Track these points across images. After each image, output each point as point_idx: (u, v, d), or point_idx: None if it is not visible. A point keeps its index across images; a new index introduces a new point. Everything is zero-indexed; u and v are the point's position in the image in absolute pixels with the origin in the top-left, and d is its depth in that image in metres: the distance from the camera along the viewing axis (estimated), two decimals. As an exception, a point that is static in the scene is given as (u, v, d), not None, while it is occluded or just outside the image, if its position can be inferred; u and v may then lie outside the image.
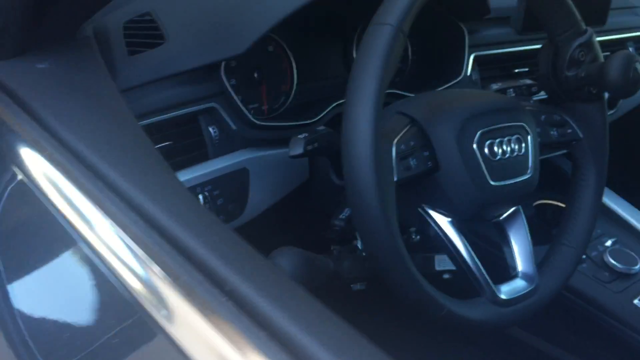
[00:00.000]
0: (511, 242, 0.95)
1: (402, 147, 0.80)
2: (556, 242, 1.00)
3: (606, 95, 0.99)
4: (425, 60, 1.27)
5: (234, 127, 0.93)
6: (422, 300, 0.79)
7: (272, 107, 1.09)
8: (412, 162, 0.81)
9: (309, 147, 0.83)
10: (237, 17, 0.92)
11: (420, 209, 0.89)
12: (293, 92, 1.10)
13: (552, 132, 0.98)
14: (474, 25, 1.25)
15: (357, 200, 0.73)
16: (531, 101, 1.03)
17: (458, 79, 1.20)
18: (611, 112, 1.46)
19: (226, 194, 0.92)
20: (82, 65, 0.77)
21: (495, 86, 1.11)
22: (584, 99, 0.98)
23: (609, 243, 1.41)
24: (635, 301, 1.25)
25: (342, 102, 1.07)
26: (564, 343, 1.33)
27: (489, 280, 0.87)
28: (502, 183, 0.86)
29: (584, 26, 0.94)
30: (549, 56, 0.98)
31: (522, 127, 0.90)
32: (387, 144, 0.78)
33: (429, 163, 0.83)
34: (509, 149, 0.87)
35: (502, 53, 1.28)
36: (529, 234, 0.95)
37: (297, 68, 1.10)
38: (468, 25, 1.23)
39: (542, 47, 0.99)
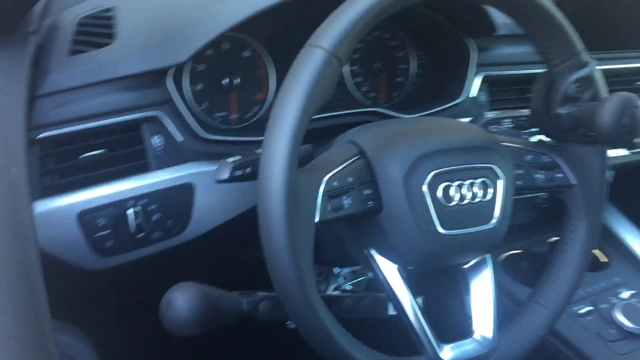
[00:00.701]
0: (470, 297, 0.84)
1: (335, 183, 0.71)
2: (530, 300, 0.88)
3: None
4: (429, 76, 1.16)
5: (180, 138, 0.87)
6: (340, 358, 0.71)
7: (243, 117, 1.02)
8: (346, 201, 0.72)
9: (237, 173, 0.76)
10: (190, 21, 0.85)
11: (366, 251, 0.80)
12: (267, 102, 1.03)
13: (536, 176, 0.86)
14: (486, 42, 1.12)
15: (265, 240, 0.65)
16: (523, 136, 0.90)
17: (457, 101, 1.09)
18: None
19: (165, 210, 0.86)
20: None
21: (489, 115, 0.99)
22: (579, 140, 0.85)
23: (625, 295, 1.26)
24: (639, 369, 1.10)
25: (317, 117, 0.98)
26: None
27: (432, 338, 0.78)
28: (456, 232, 0.76)
29: (585, 58, 0.82)
30: (544, 89, 0.85)
31: (491, 169, 0.78)
32: (312, 179, 0.70)
33: (370, 203, 0.74)
34: (469, 194, 0.76)
35: (517, 75, 1.15)
36: (493, 288, 0.84)
37: (276, 77, 1.02)
38: (479, 42, 1.11)
39: (538, 77, 0.87)
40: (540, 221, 1.38)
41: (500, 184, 0.79)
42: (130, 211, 0.82)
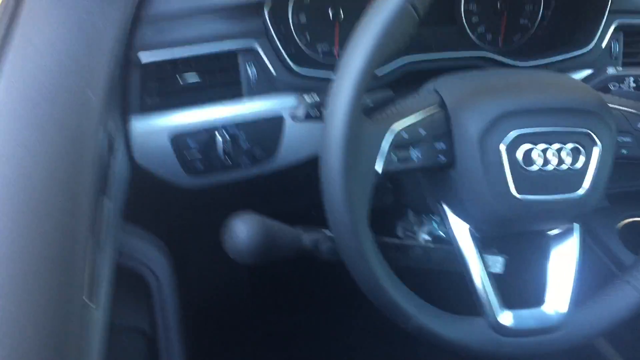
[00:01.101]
0: (548, 265, 0.80)
1: (404, 134, 0.69)
2: (620, 279, 0.81)
3: None
4: (557, 20, 1.05)
5: (274, 71, 0.88)
6: (389, 308, 0.72)
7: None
8: (414, 153, 0.70)
9: (312, 113, 0.76)
10: None
11: (439, 205, 0.78)
12: None
13: None
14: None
15: (323, 185, 0.66)
16: None
17: (584, 50, 0.98)
18: None
19: (253, 138, 0.89)
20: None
21: (611, 70, 0.89)
22: None
23: None
24: None
25: (417, 59, 0.95)
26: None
27: (494, 301, 0.75)
28: (533, 198, 0.71)
29: None
30: None
31: (586, 134, 0.72)
32: (379, 129, 0.68)
33: (442, 157, 0.72)
34: (555, 159, 0.71)
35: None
36: (577, 260, 0.79)
37: None
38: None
39: None
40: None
41: (596, 151, 0.72)
42: (218, 137, 0.86)
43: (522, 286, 0.84)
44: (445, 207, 0.78)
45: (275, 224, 0.73)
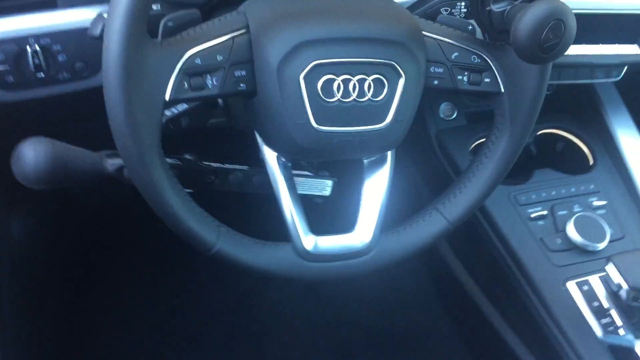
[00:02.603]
0: (362, 192, 0.81)
1: (198, 61, 0.66)
2: (430, 206, 0.84)
3: None
4: None
5: (88, -24, 0.81)
6: (188, 236, 0.71)
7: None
8: (210, 81, 0.67)
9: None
10: None
11: (255, 134, 0.77)
12: None
13: (459, 77, 0.77)
14: None
15: (108, 113, 0.63)
16: (469, 27, 0.79)
17: None
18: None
19: (71, 51, 0.84)
20: None
21: (441, -8, 0.87)
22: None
23: (597, 203, 1.18)
24: (568, 285, 1.06)
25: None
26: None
27: (301, 227, 0.76)
28: (333, 130, 0.71)
29: None
30: None
31: (390, 66, 0.70)
32: (168, 54, 0.65)
33: (242, 85, 0.69)
34: (356, 91, 0.70)
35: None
36: (386, 187, 0.80)
37: None
38: None
39: None
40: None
41: (400, 83, 0.71)
42: (28, 49, 0.81)
43: (343, 211, 0.85)
44: (256, 134, 0.77)
45: (71, 148, 0.70)
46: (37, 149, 0.67)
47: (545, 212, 1.14)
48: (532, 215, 1.14)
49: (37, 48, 0.81)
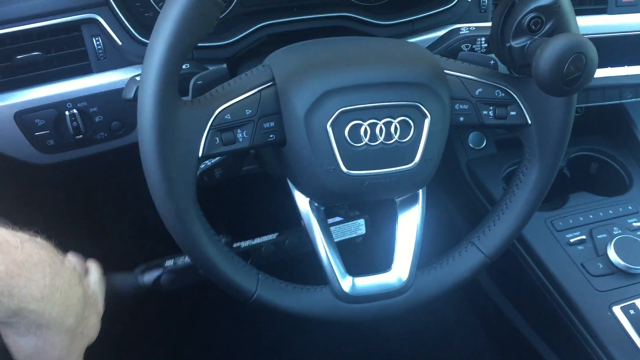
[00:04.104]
0: (396, 231, 0.82)
1: (228, 117, 0.68)
2: (465, 239, 0.84)
3: None
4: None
5: (119, 41, 0.85)
6: (228, 287, 0.73)
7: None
8: (240, 134, 0.69)
9: None
10: None
11: (287, 180, 0.79)
12: None
13: (484, 112, 0.77)
14: None
15: (145, 172, 0.66)
16: (491, 62, 0.80)
17: (450, 4, 0.97)
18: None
19: (107, 111, 0.87)
20: None
21: (464, 31, 0.88)
22: (538, 77, 0.75)
23: (637, 224, 1.16)
24: (614, 310, 1.03)
25: (274, 22, 0.93)
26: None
27: (337, 269, 0.77)
28: (363, 173, 0.72)
29: None
30: (502, 15, 0.75)
31: (416, 107, 0.72)
32: (198, 113, 0.67)
33: (272, 136, 0.71)
34: (383, 134, 0.71)
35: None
36: (419, 225, 0.81)
37: None
38: None
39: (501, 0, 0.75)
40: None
41: (426, 123, 0.72)
42: (67, 113, 0.85)
43: (377, 250, 0.86)
44: (288, 181, 0.78)
45: (113, 278, 0.75)
46: None
47: (584, 237, 1.13)
48: (571, 241, 1.12)
49: (75, 111, 0.85)
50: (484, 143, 1.29)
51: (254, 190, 1.06)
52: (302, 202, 0.78)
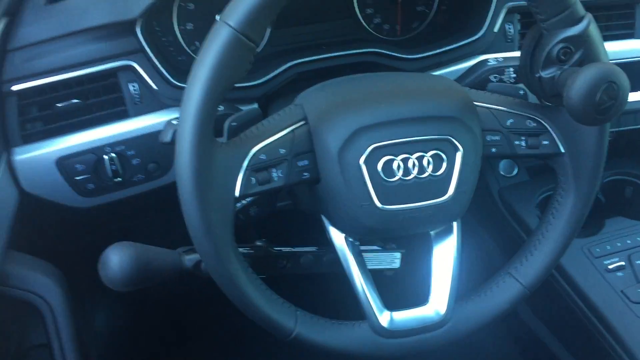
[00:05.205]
0: (432, 263, 0.82)
1: (262, 157, 0.70)
2: (503, 270, 0.83)
3: None
4: (455, 6, 1.04)
5: (155, 86, 0.88)
6: (267, 324, 0.74)
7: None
8: (275, 173, 0.71)
9: None
10: None
11: (322, 216, 0.79)
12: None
13: (516, 142, 0.78)
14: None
15: (183, 213, 0.67)
16: (521, 92, 0.81)
17: (477, 36, 0.98)
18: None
19: (144, 154, 0.89)
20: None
21: (491, 62, 0.88)
22: (569, 106, 0.75)
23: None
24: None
25: (304, 61, 0.95)
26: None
27: (374, 304, 0.77)
28: (398, 208, 0.73)
29: (580, 12, 0.70)
30: (531, 46, 0.75)
31: (448, 141, 0.72)
32: (233, 154, 0.69)
33: (306, 174, 0.72)
34: (417, 168, 0.72)
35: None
36: (455, 257, 0.80)
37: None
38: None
39: (529, 31, 0.76)
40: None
41: (458, 156, 0.73)
42: (106, 157, 0.87)
43: (413, 283, 0.85)
44: (323, 217, 0.79)
45: (151, 249, 0.74)
46: (121, 254, 0.72)
47: (622, 263, 1.11)
48: (610, 267, 1.10)
49: (114, 155, 0.87)
50: (516, 170, 1.29)
51: (288, 226, 1.07)
52: (338, 237, 0.78)
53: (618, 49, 1.07)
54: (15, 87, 0.82)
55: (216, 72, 0.62)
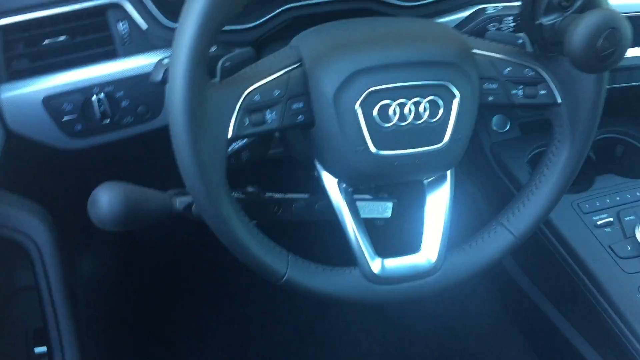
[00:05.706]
0: (425, 212, 0.81)
1: (256, 97, 0.68)
2: (494, 221, 0.83)
3: None
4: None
5: (144, 25, 0.85)
6: (258, 267, 0.73)
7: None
8: (269, 115, 0.69)
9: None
10: None
11: (315, 161, 0.78)
12: None
13: (513, 92, 0.76)
14: None
15: (175, 153, 0.66)
16: (519, 41, 0.79)
17: None
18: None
19: (134, 96, 0.87)
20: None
21: (490, 10, 0.87)
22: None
23: (664, 208, 1.15)
24: (641, 294, 1.02)
25: (299, 5, 0.92)
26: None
27: (366, 251, 0.77)
28: (392, 153, 0.72)
29: None
30: None
31: (445, 87, 0.71)
32: (227, 94, 0.67)
33: (301, 117, 0.71)
34: (412, 114, 0.71)
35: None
36: (448, 205, 0.80)
37: None
38: None
39: None
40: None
41: (455, 103, 0.72)
42: (94, 98, 0.85)
43: (405, 232, 0.85)
44: (316, 162, 0.78)
45: (141, 190, 0.73)
46: (111, 194, 0.70)
47: (611, 219, 1.11)
48: (599, 223, 1.11)
49: (103, 96, 0.85)
50: (508, 126, 1.28)
51: (280, 173, 1.06)
52: (330, 183, 0.77)
53: (619, 2, 1.05)
54: (2, 21, 0.79)
55: (211, 5, 0.60)
